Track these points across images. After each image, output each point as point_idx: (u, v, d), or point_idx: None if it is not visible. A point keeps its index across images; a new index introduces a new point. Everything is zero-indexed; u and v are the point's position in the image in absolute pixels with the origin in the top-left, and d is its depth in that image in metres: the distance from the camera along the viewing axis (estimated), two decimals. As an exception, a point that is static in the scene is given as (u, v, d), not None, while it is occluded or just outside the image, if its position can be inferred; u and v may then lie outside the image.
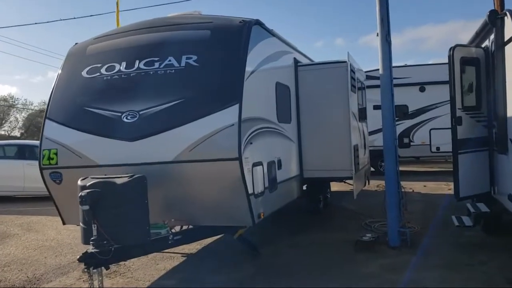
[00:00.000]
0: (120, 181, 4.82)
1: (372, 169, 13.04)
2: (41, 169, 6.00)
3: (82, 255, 4.64)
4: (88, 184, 4.74)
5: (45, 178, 6.01)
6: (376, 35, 6.75)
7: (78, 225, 5.00)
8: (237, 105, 5.30)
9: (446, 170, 15.35)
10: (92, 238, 4.60)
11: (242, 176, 5.23)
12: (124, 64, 6.00)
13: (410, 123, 15.30)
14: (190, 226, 6.02)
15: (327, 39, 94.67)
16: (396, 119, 7.20)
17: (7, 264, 6.71)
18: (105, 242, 4.60)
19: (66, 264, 6.54)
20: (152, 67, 5.83)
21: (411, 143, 15.35)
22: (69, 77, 6.41)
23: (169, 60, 5.81)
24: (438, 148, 15.03)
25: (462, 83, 6.55)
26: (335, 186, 11.03)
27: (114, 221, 4.66)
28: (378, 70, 6.90)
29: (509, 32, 5.55)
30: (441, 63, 13.63)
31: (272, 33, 6.99)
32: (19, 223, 9.72)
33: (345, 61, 7.99)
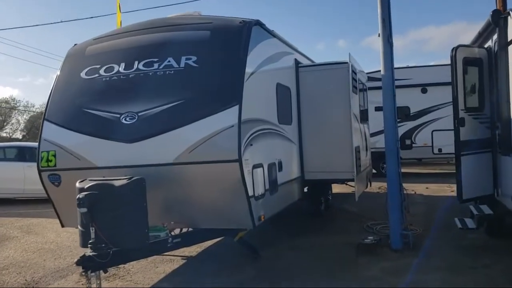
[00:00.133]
0: (118, 183, 4.78)
1: (374, 171, 13.00)
2: (39, 171, 5.95)
3: (79, 258, 4.59)
4: (86, 187, 4.70)
5: (44, 180, 5.96)
6: (378, 35, 6.70)
7: (77, 227, 4.95)
8: (237, 106, 5.25)
9: (448, 172, 15.32)
10: (90, 241, 4.56)
11: (242, 178, 5.18)
12: (123, 65, 5.95)
13: (412, 124, 15.25)
14: (190, 229, 5.98)
15: (328, 40, 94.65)
16: (398, 120, 7.16)
17: (6, 267, 6.66)
18: (103, 245, 4.56)
19: (65, 267, 6.49)
20: (151, 68, 5.79)
21: (413, 144, 15.30)
22: (68, 79, 6.36)
23: (169, 61, 5.77)
24: (440, 150, 14.97)
25: (464, 83, 6.49)
26: (336, 188, 10.96)
27: (112, 224, 4.63)
28: (380, 72, 6.86)
29: (512, 32, 5.49)
30: (443, 64, 13.57)
31: (273, 34, 6.94)
32: (19, 226, 9.67)
33: (346, 62, 7.95)
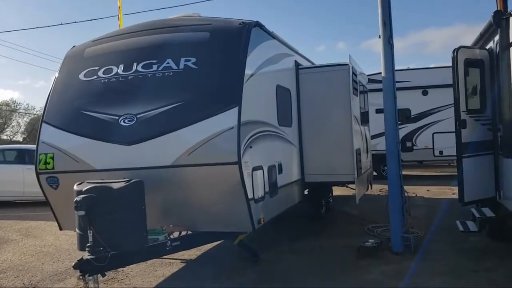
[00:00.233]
0: (116, 186, 4.74)
1: (375, 173, 12.95)
2: (37, 174, 5.91)
3: (77, 261, 4.56)
4: (84, 189, 4.66)
5: (42, 183, 5.92)
6: (378, 37, 6.66)
7: (75, 230, 4.90)
8: (236, 108, 5.21)
9: (450, 174, 15.28)
10: (88, 244, 4.52)
11: (242, 181, 5.13)
12: (121, 67, 5.92)
13: (413, 126, 15.21)
14: (189, 232, 5.93)
15: (328, 43, 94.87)
16: (399, 122, 7.11)
17: (3, 270, 6.60)
18: (101, 248, 4.53)
19: (63, 270, 6.43)
20: (150, 70, 5.75)
21: (414, 147, 15.25)
22: (66, 80, 6.33)
23: (168, 63, 5.73)
24: (441, 152, 14.94)
25: (466, 85, 6.44)
26: (337, 191, 10.92)
27: (110, 227, 4.59)
28: (380, 74, 6.82)
29: (514, 33, 5.45)
30: (443, 66, 13.54)
31: (273, 36, 6.90)
32: (18, 229, 9.63)
33: (346, 64, 7.91)
